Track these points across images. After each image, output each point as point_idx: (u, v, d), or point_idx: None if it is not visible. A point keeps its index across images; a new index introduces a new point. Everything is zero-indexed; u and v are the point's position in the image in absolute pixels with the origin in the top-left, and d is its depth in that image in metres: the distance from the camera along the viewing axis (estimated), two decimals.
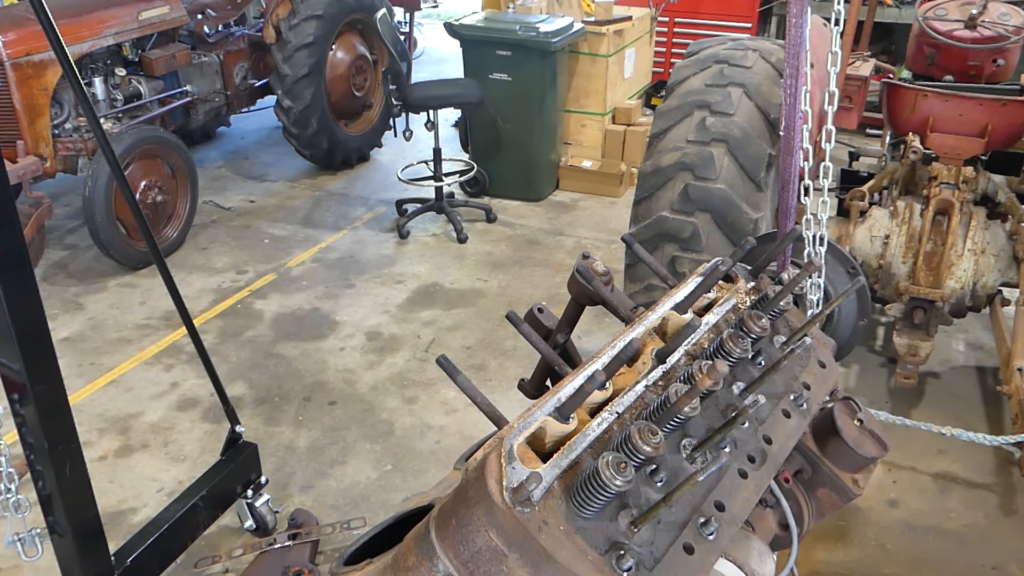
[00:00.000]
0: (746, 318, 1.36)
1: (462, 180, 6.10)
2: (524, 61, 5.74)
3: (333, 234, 5.68)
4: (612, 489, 0.99)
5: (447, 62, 9.37)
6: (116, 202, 4.75)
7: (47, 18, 2.12)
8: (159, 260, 2.62)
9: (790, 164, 1.71)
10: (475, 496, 1.01)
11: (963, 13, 4.67)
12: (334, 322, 4.62)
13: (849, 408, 1.59)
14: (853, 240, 3.60)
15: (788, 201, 1.75)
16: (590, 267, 1.61)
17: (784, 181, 1.74)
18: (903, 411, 3.68)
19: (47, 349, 2.04)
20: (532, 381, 1.82)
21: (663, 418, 1.14)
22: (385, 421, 3.81)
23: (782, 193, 1.76)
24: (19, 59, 4.55)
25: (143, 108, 5.52)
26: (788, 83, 1.67)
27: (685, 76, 3.51)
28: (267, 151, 7.17)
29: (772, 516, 1.55)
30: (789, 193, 1.73)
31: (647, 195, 3.32)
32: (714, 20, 7.36)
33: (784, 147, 1.71)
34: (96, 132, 2.41)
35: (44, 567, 2.56)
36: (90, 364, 4.23)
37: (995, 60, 4.45)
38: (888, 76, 4.55)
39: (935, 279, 3.46)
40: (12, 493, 2.29)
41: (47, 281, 5.00)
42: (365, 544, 1.36)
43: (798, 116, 1.67)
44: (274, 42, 6.06)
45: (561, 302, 2.16)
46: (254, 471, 3.03)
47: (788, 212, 1.78)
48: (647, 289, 3.28)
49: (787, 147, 1.71)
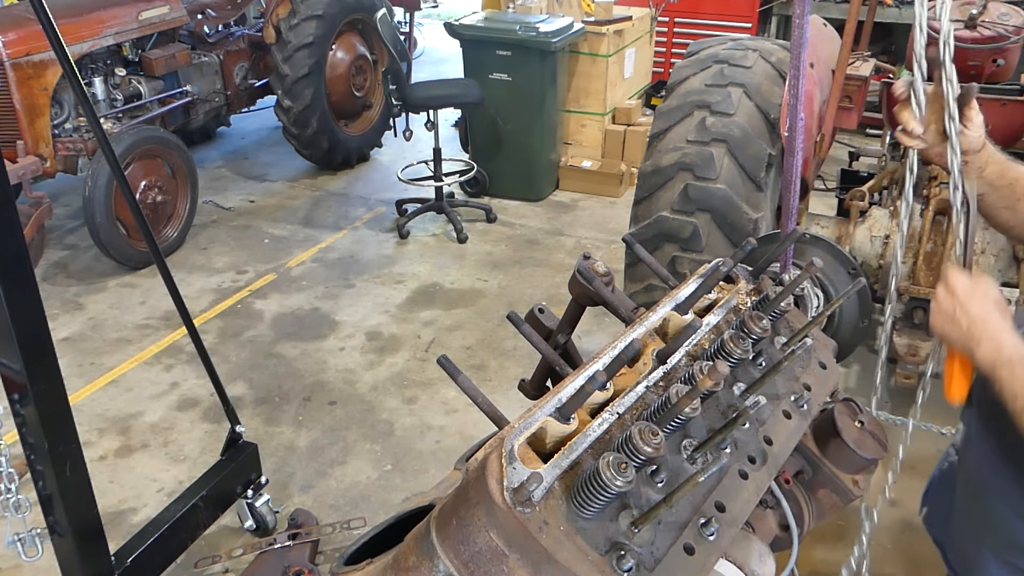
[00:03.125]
0: (747, 319, 1.36)
1: (462, 180, 6.10)
2: (524, 61, 5.74)
3: (333, 234, 5.68)
4: (613, 490, 0.99)
5: (447, 62, 9.37)
6: (116, 202, 4.74)
7: (47, 18, 2.11)
8: (159, 260, 2.62)
9: (792, 165, 1.72)
10: (476, 496, 1.01)
11: (963, 13, 4.66)
12: (334, 322, 4.62)
13: (850, 409, 1.59)
14: (853, 240, 3.59)
15: (791, 202, 1.76)
16: (591, 268, 1.61)
17: (787, 182, 1.75)
18: (903, 411, 3.68)
19: (47, 349, 2.04)
20: (532, 381, 1.82)
21: (664, 419, 1.13)
22: (385, 421, 3.81)
23: (784, 194, 1.76)
24: (19, 59, 4.55)
25: (143, 108, 5.52)
26: (792, 83, 1.67)
27: (685, 76, 3.50)
28: (267, 151, 7.16)
29: (772, 517, 1.55)
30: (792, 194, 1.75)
31: (647, 195, 3.31)
32: (714, 20, 7.35)
33: (787, 148, 1.72)
34: (96, 132, 2.41)
35: (44, 567, 2.55)
36: (90, 364, 4.23)
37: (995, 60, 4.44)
38: (888, 76, 4.54)
39: (935, 279, 3.45)
40: (12, 493, 2.29)
41: (47, 281, 4.99)
42: (365, 544, 1.36)
43: (800, 118, 1.67)
44: (274, 42, 6.05)
45: (561, 302, 2.16)
46: (254, 471, 3.03)
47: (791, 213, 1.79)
48: (647, 289, 3.28)
49: (789, 148, 1.71)
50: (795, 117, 1.67)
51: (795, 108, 1.66)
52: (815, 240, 2.98)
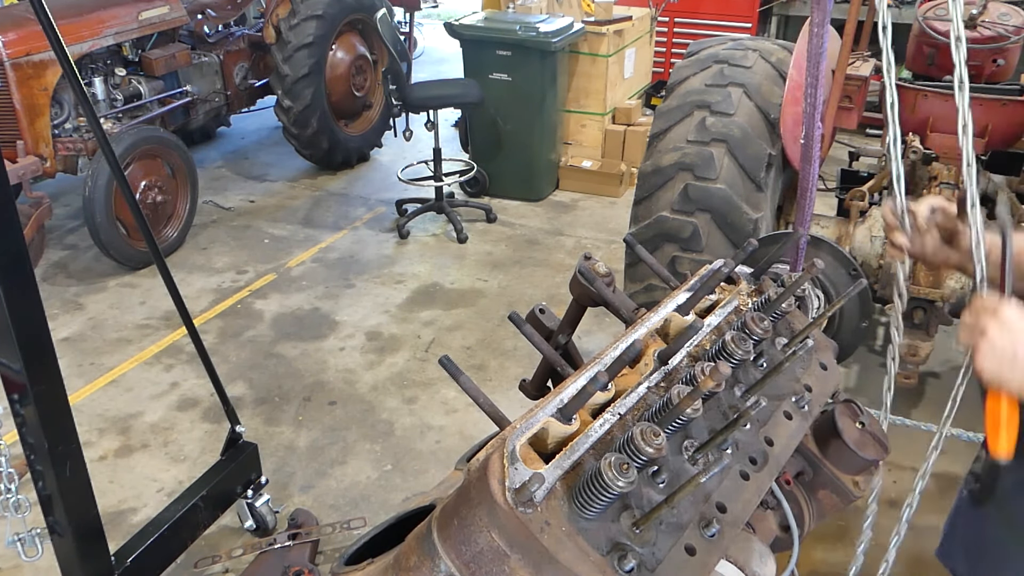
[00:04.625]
0: (748, 320, 1.36)
1: (462, 180, 6.09)
2: (524, 61, 5.73)
3: (333, 234, 5.68)
4: (614, 490, 0.99)
5: (447, 62, 9.37)
6: (116, 202, 4.74)
7: (47, 18, 2.11)
8: (159, 260, 2.61)
9: (809, 172, 1.75)
10: (477, 496, 1.00)
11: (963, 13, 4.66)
12: (334, 322, 4.62)
13: (850, 410, 1.59)
14: (853, 240, 3.59)
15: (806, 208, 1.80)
16: (592, 268, 1.61)
17: (803, 189, 1.78)
18: (903, 411, 3.68)
19: (47, 349, 2.04)
20: (533, 382, 1.82)
21: (665, 419, 1.13)
22: (385, 421, 3.81)
23: (800, 201, 1.80)
24: (19, 59, 4.55)
25: (143, 108, 5.52)
26: (808, 92, 1.68)
27: (685, 76, 3.51)
28: (267, 151, 7.16)
29: (773, 518, 1.55)
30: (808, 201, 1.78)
31: (647, 195, 3.31)
32: (714, 20, 7.36)
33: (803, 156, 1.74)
34: (96, 132, 2.41)
35: (44, 567, 2.55)
36: (90, 364, 4.23)
37: (995, 60, 4.45)
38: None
39: (935, 279, 3.45)
40: (12, 493, 2.29)
41: (47, 281, 4.99)
42: (366, 544, 1.36)
43: (816, 126, 1.68)
44: (274, 42, 6.05)
45: (561, 302, 2.16)
46: (254, 471, 3.03)
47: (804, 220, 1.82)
48: (647, 289, 3.28)
49: (806, 156, 1.74)
50: (812, 126, 1.68)
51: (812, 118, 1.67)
52: (815, 241, 2.98)
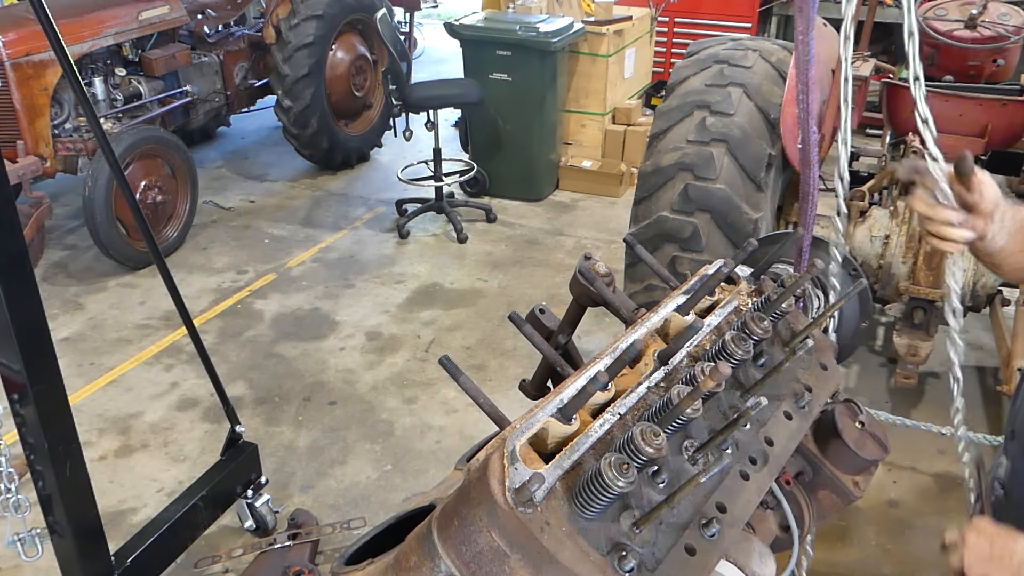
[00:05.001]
0: (748, 320, 1.36)
1: (462, 180, 6.10)
2: (524, 61, 5.74)
3: (333, 234, 5.68)
4: (615, 490, 0.99)
5: (447, 62, 9.37)
6: (116, 202, 4.74)
7: (47, 18, 2.12)
8: (159, 260, 2.62)
9: (809, 176, 1.76)
10: (477, 496, 1.00)
11: (963, 13, 4.67)
12: (334, 322, 4.62)
13: (850, 410, 1.58)
14: (853, 240, 3.60)
15: (809, 212, 1.81)
16: (592, 268, 1.61)
17: (804, 193, 1.79)
18: (903, 411, 3.68)
19: (47, 349, 2.04)
20: (533, 382, 1.82)
21: (665, 419, 1.13)
22: (385, 421, 3.81)
23: (803, 204, 1.81)
24: (19, 59, 4.55)
25: (143, 108, 5.51)
26: (800, 98, 1.69)
27: (685, 76, 3.51)
28: (267, 151, 7.16)
29: (773, 518, 1.54)
30: (810, 205, 1.80)
31: (647, 195, 3.32)
32: (714, 20, 7.36)
33: (803, 160, 1.75)
34: (96, 132, 2.41)
35: (44, 567, 2.55)
36: (90, 364, 4.23)
37: (995, 60, 4.46)
38: (888, 76, 4.54)
39: (935, 279, 3.46)
40: (12, 493, 2.29)
41: (47, 281, 4.99)
42: (366, 544, 1.36)
43: (812, 131, 1.69)
44: (274, 42, 6.06)
45: (561, 302, 2.16)
46: (254, 471, 3.03)
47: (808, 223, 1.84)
48: (647, 289, 3.28)
49: (805, 160, 1.75)
50: (807, 131, 1.69)
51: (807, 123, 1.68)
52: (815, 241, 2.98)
